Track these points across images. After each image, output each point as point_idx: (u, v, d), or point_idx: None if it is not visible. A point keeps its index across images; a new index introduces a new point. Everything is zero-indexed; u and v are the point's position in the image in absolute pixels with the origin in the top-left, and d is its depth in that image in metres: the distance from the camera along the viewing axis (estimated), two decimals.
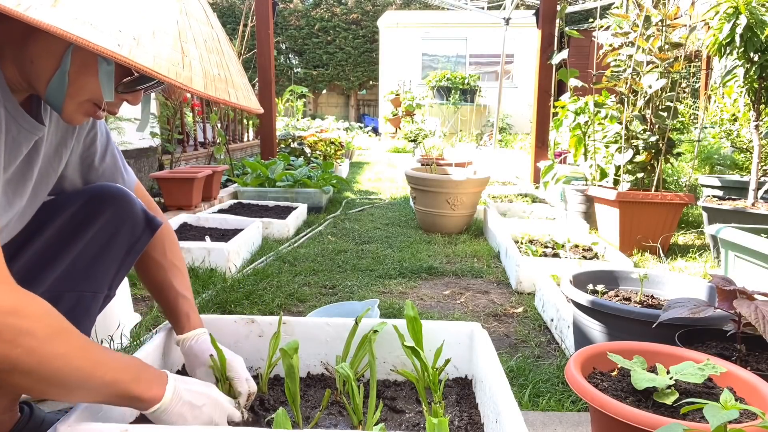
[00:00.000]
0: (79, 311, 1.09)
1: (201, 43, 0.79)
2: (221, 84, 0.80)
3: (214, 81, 0.78)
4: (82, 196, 1.12)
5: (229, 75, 0.83)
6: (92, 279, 1.11)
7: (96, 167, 1.16)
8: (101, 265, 1.11)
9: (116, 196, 1.13)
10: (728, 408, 0.80)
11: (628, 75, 3.19)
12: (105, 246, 1.11)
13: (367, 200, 4.89)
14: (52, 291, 1.04)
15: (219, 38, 0.85)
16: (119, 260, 1.14)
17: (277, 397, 1.29)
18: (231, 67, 0.85)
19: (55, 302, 1.01)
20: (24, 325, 0.73)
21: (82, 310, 1.10)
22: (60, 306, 1.02)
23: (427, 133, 8.96)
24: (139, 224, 1.15)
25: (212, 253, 2.52)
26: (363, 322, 1.34)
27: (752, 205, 2.84)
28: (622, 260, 2.47)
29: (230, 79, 0.83)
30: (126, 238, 1.14)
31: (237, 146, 6.91)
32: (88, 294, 1.11)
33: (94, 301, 1.13)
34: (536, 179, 4.88)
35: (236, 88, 0.83)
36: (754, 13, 2.55)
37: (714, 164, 4.65)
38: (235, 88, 0.83)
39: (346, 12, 18.17)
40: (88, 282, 1.10)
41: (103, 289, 1.13)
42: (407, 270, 2.68)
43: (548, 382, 1.55)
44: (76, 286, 1.09)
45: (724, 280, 1.28)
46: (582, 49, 9.18)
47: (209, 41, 0.82)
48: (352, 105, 18.99)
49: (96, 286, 1.12)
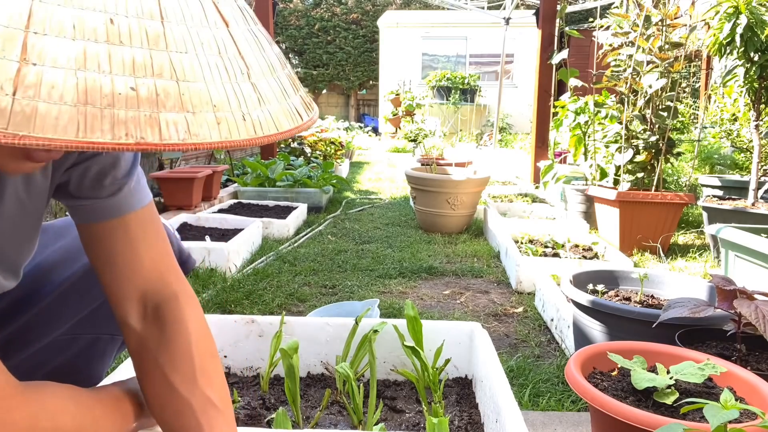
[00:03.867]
0: (93, 352, 1.01)
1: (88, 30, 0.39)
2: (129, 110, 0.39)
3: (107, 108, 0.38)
4: None
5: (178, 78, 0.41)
6: (113, 324, 0.97)
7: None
8: None
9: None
10: (728, 408, 0.80)
11: (628, 75, 3.19)
12: None
13: (367, 200, 4.89)
14: (69, 334, 0.95)
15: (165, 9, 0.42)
16: None
17: (278, 397, 1.29)
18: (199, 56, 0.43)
19: (71, 343, 0.97)
20: (50, 428, 0.65)
21: (98, 352, 1.02)
22: (75, 346, 0.98)
23: (427, 133, 8.95)
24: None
25: (212, 253, 2.52)
26: (363, 322, 1.34)
27: (752, 205, 2.84)
28: (622, 260, 2.47)
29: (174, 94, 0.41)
30: None
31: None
32: (105, 336, 1.01)
33: (111, 344, 1.03)
34: (536, 179, 4.88)
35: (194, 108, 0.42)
36: (754, 13, 2.55)
37: (714, 164, 4.65)
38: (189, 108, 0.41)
39: (346, 12, 18.17)
40: (107, 327, 0.99)
41: (121, 333, 1.07)
42: (407, 270, 2.68)
43: (548, 381, 1.55)
44: (94, 330, 0.98)
45: (724, 280, 1.28)
46: (582, 49, 9.17)
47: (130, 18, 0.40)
48: (352, 105, 18.99)
49: (115, 329, 0.99)
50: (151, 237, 0.81)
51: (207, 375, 0.78)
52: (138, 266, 0.79)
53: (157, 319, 0.80)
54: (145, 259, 0.80)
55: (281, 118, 0.48)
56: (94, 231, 0.78)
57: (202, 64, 0.43)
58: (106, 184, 0.76)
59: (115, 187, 0.77)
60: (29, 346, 0.94)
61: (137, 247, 0.79)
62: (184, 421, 0.76)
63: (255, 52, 0.48)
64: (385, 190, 5.50)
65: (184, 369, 0.77)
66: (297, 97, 0.51)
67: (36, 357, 0.95)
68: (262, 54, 0.49)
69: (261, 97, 0.47)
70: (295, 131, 0.49)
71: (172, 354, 0.78)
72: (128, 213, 0.78)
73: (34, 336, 0.94)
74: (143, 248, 0.80)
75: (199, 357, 0.78)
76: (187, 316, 0.81)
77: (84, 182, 0.76)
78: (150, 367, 0.79)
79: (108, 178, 0.76)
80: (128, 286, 0.79)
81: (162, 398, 0.78)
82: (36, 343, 0.94)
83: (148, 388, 0.80)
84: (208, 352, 0.81)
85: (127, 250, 0.79)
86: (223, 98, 0.44)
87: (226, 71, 0.45)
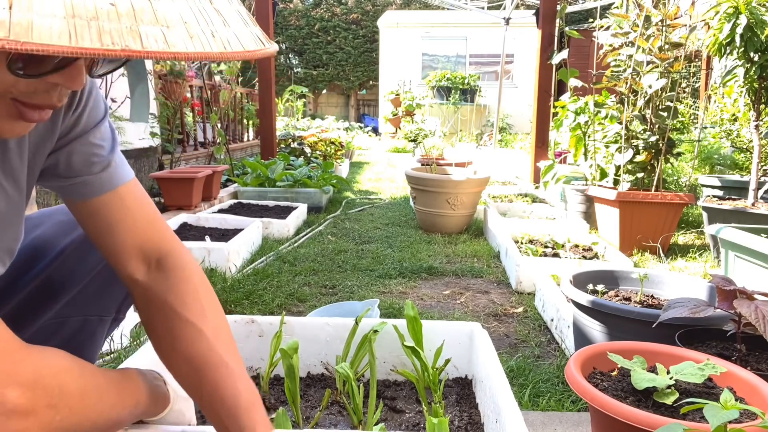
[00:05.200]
0: (83, 335, 1.02)
1: None
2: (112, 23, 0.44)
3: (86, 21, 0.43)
4: None
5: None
6: (99, 305, 1.02)
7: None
8: (110, 291, 1.02)
9: None
10: (728, 408, 0.80)
11: (628, 75, 3.19)
12: (114, 273, 1.00)
13: (367, 200, 4.89)
14: (57, 317, 0.97)
15: None
16: None
17: (278, 397, 1.29)
18: None
19: (59, 327, 0.99)
20: (54, 386, 0.66)
21: (87, 335, 1.03)
22: (64, 330, 0.99)
23: (427, 133, 8.96)
24: None
25: (212, 253, 2.52)
26: (363, 322, 1.34)
27: (752, 205, 2.84)
28: (622, 260, 2.47)
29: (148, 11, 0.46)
30: None
31: (237, 146, 6.91)
32: (93, 318, 1.03)
33: (101, 325, 1.05)
34: (536, 179, 4.88)
35: (168, 23, 0.47)
36: (754, 13, 2.55)
37: (714, 164, 4.65)
38: (164, 23, 0.47)
39: (346, 12, 18.17)
40: (94, 307, 1.02)
41: (110, 312, 1.05)
42: (407, 270, 2.68)
43: (548, 382, 1.55)
44: (82, 311, 1.00)
45: (724, 280, 1.28)
46: (582, 49, 9.17)
47: None
48: (352, 105, 18.99)
49: (103, 309, 1.04)
50: (145, 204, 0.87)
51: (213, 308, 0.85)
52: (137, 229, 0.85)
53: (161, 268, 0.86)
54: (143, 222, 0.86)
55: (246, 40, 0.53)
56: (91, 206, 0.83)
57: None
58: (95, 161, 0.81)
59: (104, 162, 0.82)
60: (18, 332, 0.93)
61: (134, 213, 0.85)
62: (197, 348, 0.80)
63: None
64: (385, 190, 5.50)
65: (193, 306, 0.83)
66: (257, 28, 0.56)
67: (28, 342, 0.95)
68: None
69: (225, 21, 0.52)
70: (259, 54, 0.53)
71: (181, 294, 0.83)
72: (120, 185, 0.84)
73: (22, 323, 0.94)
74: (139, 214, 0.86)
75: (205, 294, 0.85)
76: (189, 265, 0.87)
77: (73, 162, 0.81)
78: (159, 307, 0.84)
79: (96, 156, 0.82)
80: (130, 248, 0.84)
81: (174, 334, 0.82)
82: (24, 330, 0.94)
83: (158, 328, 0.84)
84: (212, 295, 0.87)
85: (126, 218, 0.84)
86: (192, 18, 0.49)
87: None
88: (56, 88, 0.60)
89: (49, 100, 0.60)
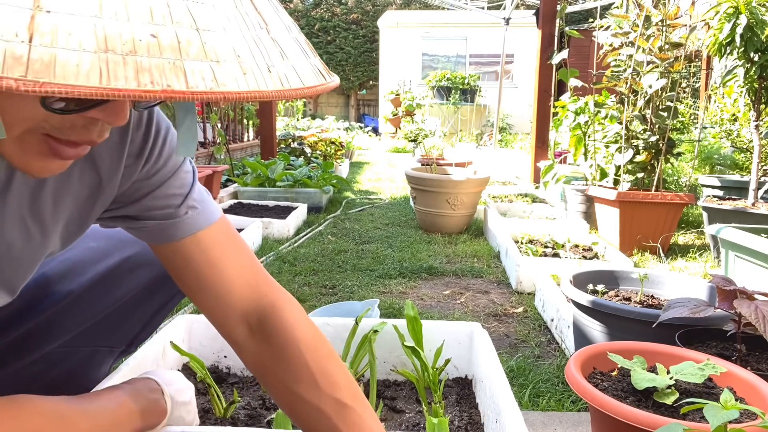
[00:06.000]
0: (90, 363, 1.01)
1: None
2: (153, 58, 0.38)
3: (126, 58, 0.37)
4: (119, 251, 0.95)
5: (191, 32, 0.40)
6: (113, 337, 1.01)
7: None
8: (126, 325, 1.01)
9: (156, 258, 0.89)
10: (728, 408, 0.80)
11: (628, 75, 3.19)
12: (135, 308, 0.99)
13: (367, 200, 4.89)
14: (68, 346, 0.95)
15: None
16: (146, 320, 1.03)
17: None
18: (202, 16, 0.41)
19: (67, 356, 0.97)
20: None
21: (95, 364, 1.02)
22: (71, 359, 0.97)
23: (427, 133, 8.95)
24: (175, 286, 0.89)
25: None
26: (363, 322, 1.34)
27: (752, 205, 2.84)
28: (622, 260, 2.47)
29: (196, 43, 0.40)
30: (158, 302, 1.01)
31: (237, 146, 6.91)
32: (103, 349, 1.01)
33: (109, 356, 1.04)
34: (536, 179, 4.88)
35: (219, 58, 0.40)
36: (754, 13, 2.55)
37: (714, 164, 4.64)
38: (213, 58, 0.40)
39: (346, 12, 18.17)
40: (107, 340, 1.00)
41: (121, 345, 1.04)
42: (407, 270, 2.68)
43: (548, 382, 1.55)
44: (94, 342, 0.98)
45: (724, 280, 1.28)
46: (582, 49, 9.17)
47: None
48: (352, 105, 18.99)
49: (115, 343, 1.02)
50: (232, 252, 0.79)
51: (328, 376, 0.77)
52: (228, 285, 0.77)
53: (263, 333, 0.78)
54: (233, 276, 0.78)
55: (306, 73, 0.46)
56: (173, 252, 0.76)
57: (220, 14, 0.42)
58: (170, 205, 0.74)
59: (175, 203, 0.75)
60: (26, 356, 0.93)
61: (220, 264, 0.77)
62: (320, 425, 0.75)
63: (270, 10, 0.47)
64: (385, 190, 5.50)
65: (304, 377, 0.76)
66: (316, 59, 0.50)
67: (33, 367, 0.94)
68: (277, 13, 0.48)
69: (283, 52, 0.45)
70: (320, 89, 0.47)
71: (288, 365, 0.77)
72: (201, 230, 0.76)
73: (33, 346, 0.93)
74: (227, 264, 0.77)
75: (315, 361, 0.77)
76: (291, 323, 0.79)
77: (135, 209, 0.75)
78: (272, 381, 0.79)
79: (173, 201, 0.75)
80: (226, 307, 0.78)
81: (295, 408, 0.77)
82: (34, 353, 0.93)
83: (278, 400, 0.80)
84: (323, 352, 0.79)
85: (211, 270, 0.76)
86: (246, 49, 0.42)
87: (245, 23, 0.44)
88: (96, 123, 0.52)
89: (88, 136, 0.53)
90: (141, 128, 0.71)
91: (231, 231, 0.81)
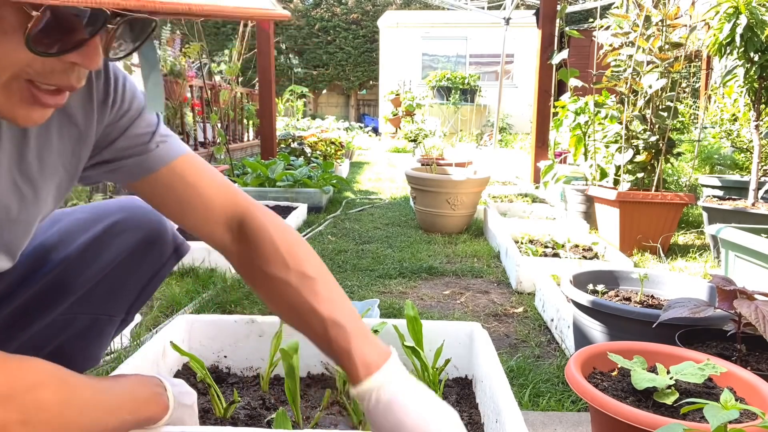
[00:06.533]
0: (91, 334, 1.04)
1: None
2: None
3: None
4: (108, 216, 1.00)
5: None
6: (110, 304, 1.04)
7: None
8: (122, 292, 1.04)
9: (146, 222, 1.01)
10: (728, 408, 0.80)
11: (628, 75, 3.19)
12: (128, 274, 1.03)
13: (367, 200, 4.89)
14: (66, 314, 0.98)
15: None
16: (140, 287, 1.07)
17: (278, 397, 1.29)
18: None
19: (67, 324, 1.00)
20: (29, 401, 0.63)
21: (95, 333, 1.05)
22: (73, 327, 1.00)
23: (427, 133, 8.96)
24: (167, 251, 1.05)
25: (212, 252, 2.52)
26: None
27: (752, 205, 2.84)
28: (622, 260, 2.47)
29: None
30: (150, 267, 1.05)
31: (237, 146, 6.91)
32: (103, 317, 1.04)
33: (110, 325, 1.07)
34: (536, 179, 4.88)
35: None
36: (754, 13, 2.55)
37: (714, 164, 4.64)
38: None
39: (346, 12, 18.17)
40: (105, 307, 1.04)
41: (120, 313, 1.07)
42: (407, 270, 2.68)
43: (548, 382, 1.55)
44: (93, 310, 1.02)
45: (724, 280, 1.28)
46: (582, 49, 9.17)
47: None
48: (352, 105, 18.99)
49: (113, 310, 1.05)
50: (205, 174, 0.90)
51: (295, 256, 0.88)
52: (209, 201, 0.89)
53: (243, 234, 0.90)
54: (211, 193, 0.89)
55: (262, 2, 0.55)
56: (152, 185, 0.86)
57: None
58: (146, 141, 0.84)
59: (156, 140, 0.84)
60: (30, 326, 0.95)
61: (198, 185, 0.88)
62: (289, 299, 0.86)
63: None
64: (385, 190, 5.50)
65: (274, 259, 0.87)
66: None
67: (35, 338, 0.96)
68: None
69: None
70: (273, 14, 0.56)
71: (263, 253, 0.88)
72: (174, 159, 0.86)
73: (35, 315, 0.95)
74: (204, 184, 0.89)
75: (284, 246, 0.88)
76: (264, 221, 0.91)
77: (121, 150, 0.83)
78: (253, 272, 0.91)
79: (145, 137, 0.84)
80: (211, 220, 0.90)
81: (270, 291, 0.89)
82: (36, 323, 0.95)
83: (259, 291, 0.92)
84: (292, 240, 0.90)
85: (191, 191, 0.88)
86: None
87: None
88: (74, 68, 0.59)
89: (67, 80, 0.59)
90: (101, 77, 0.79)
91: (200, 159, 0.92)
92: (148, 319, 1.96)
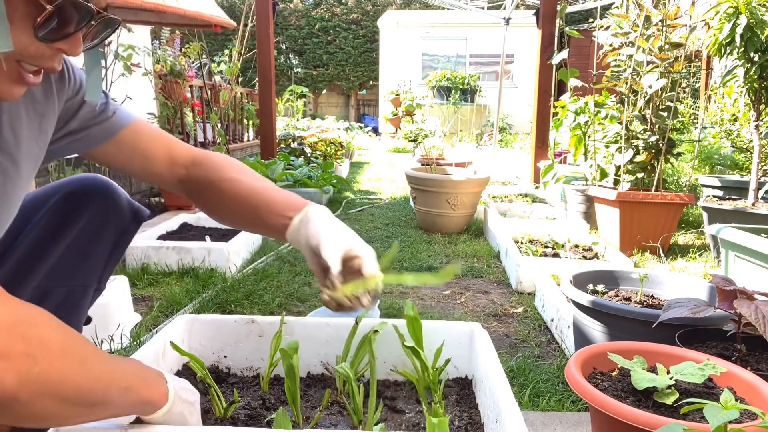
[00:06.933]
0: (68, 305, 1.08)
1: None
2: None
3: None
4: (63, 189, 1.07)
5: None
6: (80, 274, 1.09)
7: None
8: (89, 260, 1.10)
9: (100, 189, 1.08)
10: (728, 408, 0.80)
11: (628, 75, 3.19)
12: (91, 241, 1.09)
13: (367, 200, 4.89)
14: (40, 287, 1.02)
15: None
16: (107, 254, 1.12)
17: (278, 397, 1.29)
18: None
19: (44, 298, 1.03)
20: (33, 335, 0.62)
21: (72, 304, 1.09)
22: (49, 301, 1.04)
23: (427, 133, 8.96)
24: (126, 217, 1.12)
25: (212, 253, 2.52)
26: (363, 322, 1.34)
27: (752, 205, 2.84)
28: (622, 260, 2.47)
29: None
30: (112, 233, 1.11)
31: (237, 146, 6.91)
32: (78, 288, 1.09)
33: (84, 296, 1.11)
34: (536, 179, 4.88)
35: None
36: (754, 13, 2.55)
37: (714, 164, 4.64)
38: None
39: (346, 12, 18.17)
40: (76, 277, 1.09)
41: (92, 282, 1.12)
42: (407, 270, 2.68)
43: (548, 382, 1.55)
44: (65, 281, 1.07)
45: (724, 280, 1.28)
46: (582, 49, 9.18)
47: None
48: (352, 105, 18.99)
49: (85, 280, 1.10)
50: (160, 130, 1.08)
51: (243, 171, 1.07)
52: (172, 150, 1.06)
53: (197, 164, 1.08)
54: (172, 143, 1.07)
55: (213, 9, 0.72)
56: (118, 146, 1.01)
57: None
58: (103, 110, 0.98)
59: (111, 109, 1.00)
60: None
61: (160, 137, 1.06)
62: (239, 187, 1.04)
63: None
64: (385, 190, 5.50)
65: (228, 169, 1.06)
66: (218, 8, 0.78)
67: None
68: None
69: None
70: (222, 21, 0.76)
71: (217, 169, 1.06)
72: (131, 123, 1.02)
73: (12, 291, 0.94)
74: (164, 136, 1.07)
75: (236, 166, 1.08)
76: (212, 154, 1.09)
77: (84, 121, 0.97)
78: (205, 186, 1.06)
79: (101, 108, 0.98)
80: (176, 165, 1.07)
81: (221, 192, 1.05)
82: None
83: (210, 199, 1.07)
84: (237, 166, 1.08)
85: (155, 142, 1.04)
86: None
87: None
88: (58, 54, 0.70)
89: (51, 64, 0.70)
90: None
91: (150, 124, 1.09)
92: (148, 319, 1.96)
